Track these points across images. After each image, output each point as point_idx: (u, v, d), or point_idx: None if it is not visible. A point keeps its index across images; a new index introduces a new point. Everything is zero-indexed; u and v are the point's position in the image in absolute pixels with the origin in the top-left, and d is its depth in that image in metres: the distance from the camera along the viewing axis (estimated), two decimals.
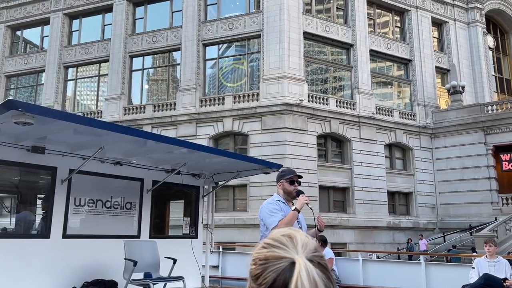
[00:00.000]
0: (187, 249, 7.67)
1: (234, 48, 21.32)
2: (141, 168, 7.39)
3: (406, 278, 10.27)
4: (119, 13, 23.00)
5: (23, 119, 4.43)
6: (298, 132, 18.84)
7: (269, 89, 19.21)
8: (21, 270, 5.83)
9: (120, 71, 22.37)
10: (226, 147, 20.11)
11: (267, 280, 0.90)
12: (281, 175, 4.27)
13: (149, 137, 6.32)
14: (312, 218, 4.23)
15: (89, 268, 6.52)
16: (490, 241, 7.74)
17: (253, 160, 8.29)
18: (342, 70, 21.57)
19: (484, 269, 7.46)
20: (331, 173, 19.59)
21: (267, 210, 4.01)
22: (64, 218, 6.42)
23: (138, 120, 21.30)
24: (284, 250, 0.92)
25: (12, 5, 25.69)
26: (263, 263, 0.92)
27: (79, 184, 6.63)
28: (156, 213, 7.93)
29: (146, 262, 6.75)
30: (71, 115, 5.58)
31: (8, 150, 5.71)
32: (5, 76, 25.28)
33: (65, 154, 6.30)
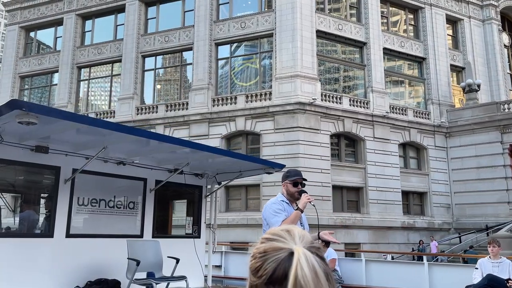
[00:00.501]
0: (190, 248, 7.66)
1: (246, 47, 21.24)
2: (144, 168, 7.40)
3: (409, 278, 10.22)
4: (132, 13, 23.06)
5: (27, 119, 4.43)
6: (311, 131, 18.70)
7: (282, 88, 19.09)
8: (25, 269, 5.83)
9: (133, 71, 22.43)
10: (238, 147, 20.06)
11: (267, 271, 0.90)
12: (286, 176, 4.26)
13: (152, 137, 6.32)
14: (315, 218, 4.25)
15: (92, 267, 6.53)
16: (493, 241, 7.66)
17: (255, 160, 8.31)
18: (355, 69, 21.37)
19: (487, 269, 7.42)
20: (345, 172, 19.41)
21: (271, 210, 3.99)
22: (68, 217, 6.44)
23: (150, 120, 21.34)
24: (282, 242, 0.93)
25: (25, 6, 25.92)
26: (262, 255, 0.93)
27: (82, 184, 6.65)
28: (159, 213, 7.94)
29: (149, 262, 6.75)
30: (74, 114, 5.61)
31: (12, 150, 5.72)
32: (19, 76, 25.52)
33: (68, 154, 6.32)
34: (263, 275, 0.92)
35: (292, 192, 4.17)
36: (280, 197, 4.18)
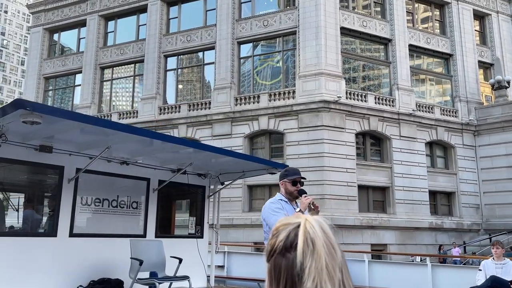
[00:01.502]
0: (192, 248, 7.68)
1: (268, 46, 21.03)
2: (147, 167, 7.40)
3: (413, 279, 10.16)
4: (154, 13, 23.11)
5: (31, 118, 4.44)
6: (336, 130, 18.36)
7: (306, 86, 18.81)
8: (28, 268, 5.83)
9: (155, 71, 22.46)
10: (261, 146, 19.87)
11: (280, 240, 0.94)
12: (284, 174, 4.22)
13: (155, 136, 6.31)
14: None
15: (95, 267, 6.54)
16: (497, 243, 7.69)
17: (258, 160, 8.29)
18: (380, 66, 20.93)
19: (491, 271, 7.41)
20: (371, 172, 19.01)
21: (269, 209, 3.94)
22: (71, 217, 6.45)
23: (173, 120, 21.32)
24: (292, 219, 0.98)
25: (49, 8, 26.26)
26: (275, 233, 0.97)
27: (86, 183, 6.66)
28: (162, 213, 7.94)
29: (152, 262, 6.77)
30: (78, 114, 5.55)
31: (16, 149, 5.74)
32: (43, 77, 25.86)
33: (72, 153, 6.32)
34: (277, 247, 0.95)
35: (291, 191, 4.12)
36: (278, 196, 4.14)
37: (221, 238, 17.22)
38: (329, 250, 0.91)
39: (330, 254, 0.91)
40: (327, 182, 17.75)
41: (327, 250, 0.91)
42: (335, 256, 0.92)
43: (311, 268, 0.89)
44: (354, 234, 17.78)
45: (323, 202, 17.54)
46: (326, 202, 17.52)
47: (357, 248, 17.28)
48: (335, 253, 0.92)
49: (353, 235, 17.74)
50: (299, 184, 4.18)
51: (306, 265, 0.89)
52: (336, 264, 0.91)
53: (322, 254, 0.90)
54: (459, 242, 19.73)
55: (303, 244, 0.91)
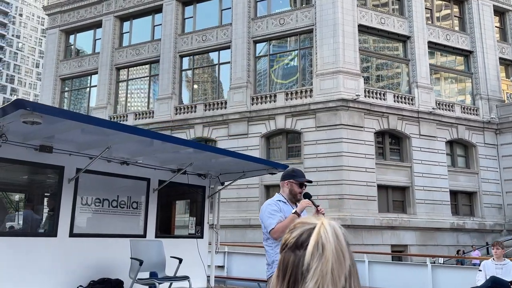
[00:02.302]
0: (192, 249, 7.69)
1: (285, 44, 20.82)
2: (147, 167, 7.41)
3: (413, 280, 10.17)
4: (169, 13, 23.07)
5: (31, 118, 4.43)
6: (354, 129, 18.08)
7: (323, 85, 18.56)
8: (28, 268, 5.84)
9: (171, 71, 22.42)
10: (278, 146, 19.67)
11: (294, 236, 0.98)
12: (292, 175, 4.13)
13: (155, 137, 6.29)
14: None
15: (95, 267, 6.55)
16: (497, 243, 7.72)
17: (258, 160, 8.26)
18: (399, 64, 20.58)
19: (491, 271, 7.43)
20: (390, 171, 18.67)
21: (266, 212, 3.86)
22: (71, 217, 6.46)
23: (189, 120, 21.23)
24: (310, 219, 1.02)
25: (65, 10, 26.41)
26: (292, 229, 1.01)
27: (86, 183, 6.67)
28: (162, 213, 7.96)
29: (152, 262, 6.78)
30: (78, 114, 5.59)
31: (16, 149, 5.74)
32: (60, 79, 26.01)
33: (72, 154, 6.33)
34: (289, 242, 0.98)
35: (296, 193, 4.05)
36: (277, 196, 4.05)
37: (238, 238, 17.22)
38: (338, 256, 0.92)
39: (338, 260, 0.92)
40: (346, 182, 17.47)
41: (336, 256, 0.92)
42: (343, 263, 0.93)
43: (316, 270, 0.91)
44: (374, 235, 17.47)
45: (342, 202, 17.28)
46: (345, 202, 17.25)
47: (377, 249, 16.97)
48: (344, 260, 0.93)
49: (373, 235, 17.44)
50: (304, 187, 4.12)
51: (312, 266, 0.92)
52: (343, 271, 0.92)
53: (329, 259, 0.91)
54: (481, 243, 19.28)
55: (313, 246, 0.93)
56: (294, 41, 20.42)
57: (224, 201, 19.46)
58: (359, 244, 16.99)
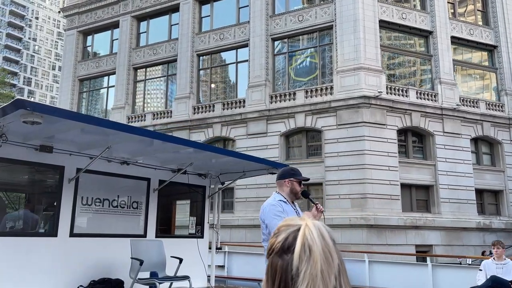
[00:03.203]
0: (193, 248, 7.71)
1: (304, 41, 20.52)
2: (147, 167, 7.43)
3: (413, 280, 10.16)
4: (186, 12, 22.97)
5: (31, 118, 4.44)
6: (377, 127, 17.69)
7: (344, 82, 18.21)
8: (29, 268, 5.85)
9: (188, 70, 22.30)
10: (298, 144, 19.39)
11: (279, 241, 0.96)
12: (292, 173, 4.14)
13: (155, 136, 6.31)
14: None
15: (95, 266, 6.56)
16: (498, 243, 7.70)
17: (258, 160, 8.38)
18: (421, 59, 20.10)
19: (491, 271, 7.45)
20: (413, 170, 18.22)
21: (270, 213, 3.82)
22: (71, 217, 6.48)
23: (207, 119, 21.08)
24: (294, 221, 1.00)
25: (83, 11, 26.52)
26: (276, 233, 0.99)
27: (86, 183, 6.68)
28: (162, 213, 7.99)
29: (152, 262, 6.80)
30: (78, 114, 5.60)
31: (16, 149, 5.76)
32: (78, 80, 26.12)
33: (72, 153, 6.34)
34: (275, 247, 0.96)
35: (297, 191, 4.11)
36: (277, 196, 4.01)
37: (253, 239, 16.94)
38: (326, 257, 0.92)
39: (326, 261, 0.92)
40: (368, 181, 17.09)
41: (324, 257, 0.92)
42: (331, 263, 0.93)
43: (306, 273, 0.90)
44: (398, 235, 17.07)
45: (365, 202, 16.93)
46: (368, 202, 16.88)
47: (401, 249, 16.58)
48: (332, 260, 0.93)
49: (397, 235, 17.04)
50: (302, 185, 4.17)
51: (301, 269, 0.91)
52: (332, 271, 0.92)
53: (318, 260, 0.91)
54: (508, 242, 18.67)
55: (300, 249, 0.92)
56: (313, 38, 20.10)
57: (244, 201, 19.31)
58: (382, 244, 16.64)
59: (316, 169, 18.15)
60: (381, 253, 14.50)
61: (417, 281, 10.09)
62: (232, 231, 18.40)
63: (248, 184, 18.31)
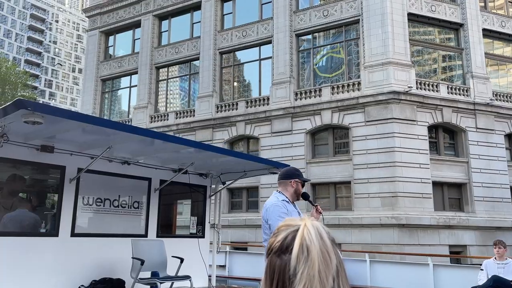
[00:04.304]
0: (194, 248, 7.72)
1: (329, 36, 20.06)
2: (148, 167, 7.45)
3: (415, 279, 10.14)
4: (208, 10, 22.75)
5: (32, 118, 4.44)
6: (407, 123, 17.13)
7: (372, 77, 17.70)
8: (30, 268, 5.86)
9: (211, 68, 22.07)
10: (324, 142, 18.95)
11: (278, 240, 0.97)
12: (297, 174, 4.17)
13: (156, 136, 6.29)
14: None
15: (97, 266, 6.58)
16: (499, 242, 7.71)
17: (259, 160, 8.28)
18: (451, 53, 19.42)
19: (493, 271, 7.47)
20: (445, 167, 17.60)
21: (275, 214, 3.81)
22: (73, 216, 6.49)
23: (231, 117, 20.82)
24: (294, 221, 1.00)
25: (105, 11, 26.58)
26: (276, 232, 1.00)
27: (87, 183, 6.70)
28: (164, 213, 8.00)
29: (154, 261, 6.82)
30: (79, 114, 5.41)
31: (17, 149, 5.77)
32: (101, 80, 26.18)
33: (73, 153, 6.36)
34: (274, 247, 0.97)
35: (300, 192, 4.14)
36: (279, 196, 4.00)
37: None
38: (324, 257, 0.92)
39: (324, 261, 0.92)
40: (399, 179, 16.55)
41: (322, 258, 0.92)
42: (329, 264, 0.93)
43: (303, 274, 0.90)
44: (430, 235, 16.48)
45: (395, 200, 16.40)
46: (399, 200, 16.35)
47: (434, 250, 16.01)
48: (330, 260, 0.93)
49: (429, 235, 16.46)
50: None
51: (298, 270, 0.91)
52: (330, 272, 0.92)
53: (315, 261, 0.91)
54: None
55: (298, 249, 0.92)
56: (339, 33, 19.63)
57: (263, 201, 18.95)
58: (415, 244, 16.08)
59: (344, 167, 17.70)
60: (414, 254, 14.01)
61: (419, 281, 10.05)
62: (257, 231, 18.15)
63: (273, 183, 17.94)
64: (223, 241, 16.28)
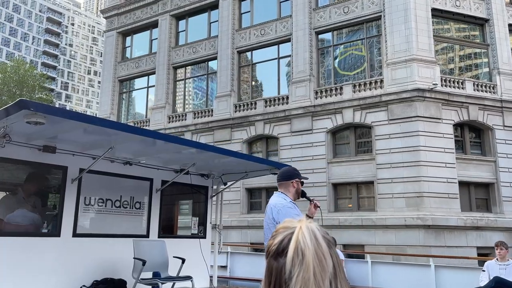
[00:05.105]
0: (195, 249, 7.74)
1: (350, 34, 19.67)
2: (150, 168, 7.48)
3: (416, 280, 10.14)
4: (225, 9, 22.56)
5: (34, 119, 4.46)
6: (432, 121, 16.67)
7: (395, 74, 17.28)
8: (31, 268, 5.86)
9: (229, 67, 21.87)
10: (346, 141, 18.57)
11: (275, 243, 0.98)
12: (297, 174, 4.15)
13: (157, 137, 6.30)
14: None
15: (98, 266, 6.59)
16: (501, 244, 7.74)
17: (260, 160, 8.23)
18: (477, 49, 18.87)
19: (494, 272, 7.46)
20: (471, 167, 17.07)
21: (288, 215, 3.66)
22: (74, 217, 6.50)
23: (249, 117, 20.57)
24: (292, 223, 1.02)
25: (122, 12, 26.60)
26: (275, 234, 1.01)
27: (89, 184, 6.70)
28: (165, 213, 8.02)
29: (155, 262, 6.83)
30: (81, 114, 5.45)
31: (20, 150, 5.79)
32: (118, 80, 26.19)
33: (75, 154, 6.39)
34: (271, 249, 0.98)
35: (300, 191, 4.12)
36: (284, 196, 3.98)
37: None
38: (319, 260, 0.92)
39: (320, 264, 0.92)
40: (424, 179, 16.10)
41: (318, 261, 0.92)
42: (325, 266, 0.92)
43: (299, 277, 0.90)
44: (457, 236, 15.98)
45: (421, 201, 15.95)
46: (425, 201, 15.89)
47: (462, 252, 15.53)
48: (326, 263, 0.93)
49: (456, 237, 15.96)
50: None
51: (294, 273, 0.91)
52: (326, 274, 0.92)
53: (310, 264, 0.91)
54: None
55: (293, 253, 0.93)
56: (360, 30, 19.24)
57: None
58: (441, 246, 15.61)
59: (367, 167, 17.30)
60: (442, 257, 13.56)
61: (421, 282, 10.05)
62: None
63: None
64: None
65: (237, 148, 20.46)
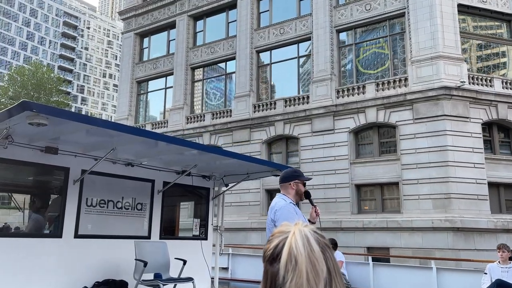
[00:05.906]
0: (197, 250, 7.78)
1: (372, 31, 19.24)
2: (152, 169, 7.48)
3: (417, 283, 10.11)
4: (244, 8, 22.32)
5: (37, 120, 4.47)
6: (459, 120, 16.14)
7: (420, 72, 16.79)
8: (33, 269, 5.87)
9: (248, 67, 21.61)
10: (369, 141, 18.12)
11: (271, 248, 0.98)
12: (296, 175, 4.18)
13: (160, 138, 6.28)
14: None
15: (100, 268, 6.61)
16: (503, 246, 7.74)
17: (262, 162, 8.19)
18: (505, 46, 18.28)
19: (496, 274, 7.45)
20: (501, 167, 16.48)
21: (286, 217, 3.73)
22: (76, 218, 6.52)
23: (269, 117, 20.26)
24: (287, 227, 1.01)
25: (140, 13, 26.57)
26: (271, 238, 1.01)
27: (91, 185, 6.72)
28: (167, 214, 8.03)
29: (156, 263, 6.86)
30: (83, 116, 5.47)
31: (22, 151, 5.81)
32: (136, 82, 26.14)
33: (77, 155, 6.40)
34: (267, 254, 0.99)
35: (302, 192, 4.13)
36: (287, 199, 4.00)
37: None
38: (312, 265, 0.91)
39: (313, 269, 0.90)
40: (452, 180, 15.57)
41: (311, 266, 0.90)
42: (318, 271, 0.91)
43: (292, 283, 0.90)
44: (487, 239, 15.39)
45: (449, 202, 15.42)
46: (453, 202, 15.36)
47: (493, 255, 14.89)
48: (319, 268, 0.91)
49: (486, 240, 15.38)
50: None
51: (287, 279, 0.90)
52: (319, 279, 0.91)
53: (303, 269, 0.90)
54: None
55: (286, 259, 0.92)
56: (383, 27, 18.79)
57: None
58: (471, 249, 15.05)
59: (391, 167, 16.84)
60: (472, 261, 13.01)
61: (422, 285, 10.04)
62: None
63: (315, 185, 17.25)
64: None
65: (257, 148, 20.17)
